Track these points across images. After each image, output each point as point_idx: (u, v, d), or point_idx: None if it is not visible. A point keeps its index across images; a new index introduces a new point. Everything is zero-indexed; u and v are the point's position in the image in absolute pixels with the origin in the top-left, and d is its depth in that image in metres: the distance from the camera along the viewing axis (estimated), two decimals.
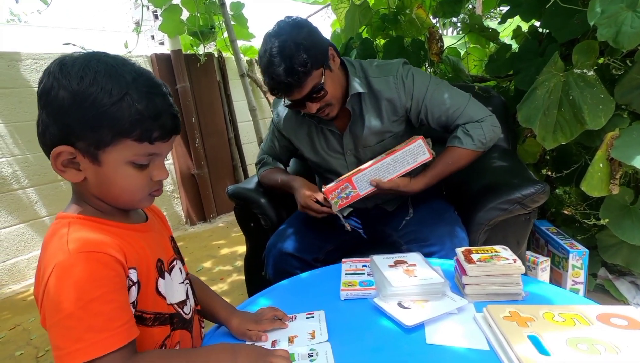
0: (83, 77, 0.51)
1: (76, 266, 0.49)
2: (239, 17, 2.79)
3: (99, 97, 0.51)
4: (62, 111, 0.52)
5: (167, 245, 0.67)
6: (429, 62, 1.85)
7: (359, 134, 1.10)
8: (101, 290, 0.50)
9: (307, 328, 0.69)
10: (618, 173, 1.13)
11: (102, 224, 0.56)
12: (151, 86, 0.55)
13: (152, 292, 0.59)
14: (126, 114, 0.52)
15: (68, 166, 0.54)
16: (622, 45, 0.98)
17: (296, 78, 0.93)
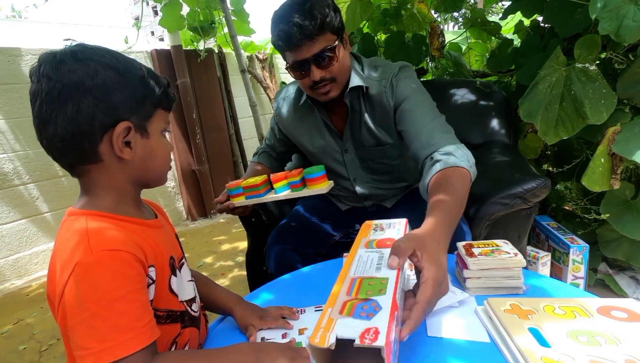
0: (117, 57, 0.55)
1: (99, 265, 0.49)
2: (240, 12, 2.78)
3: (136, 73, 0.56)
4: (113, 89, 0.54)
5: (176, 242, 0.68)
6: (430, 57, 1.85)
7: (356, 133, 1.08)
8: (125, 289, 0.49)
9: (316, 321, 0.68)
10: (619, 168, 1.13)
11: (119, 221, 0.55)
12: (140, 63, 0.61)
13: (165, 290, 0.59)
14: (157, 87, 0.58)
15: (123, 146, 0.55)
16: (624, 39, 0.98)
17: (313, 24, 0.89)
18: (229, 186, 1.05)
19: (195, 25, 2.75)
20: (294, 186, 0.99)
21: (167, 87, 0.61)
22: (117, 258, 0.50)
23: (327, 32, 0.92)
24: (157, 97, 0.58)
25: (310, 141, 1.15)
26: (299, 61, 0.94)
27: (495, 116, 1.46)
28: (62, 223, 0.56)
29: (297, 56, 0.94)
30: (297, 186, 0.99)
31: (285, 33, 0.91)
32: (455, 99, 1.52)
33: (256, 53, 3.64)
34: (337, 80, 0.98)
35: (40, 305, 2.03)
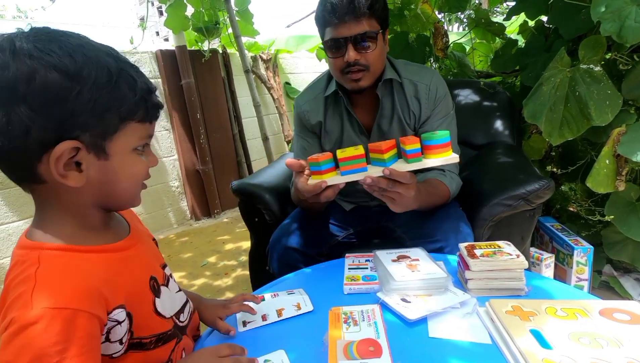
0: (72, 54, 0.42)
1: (38, 324, 0.40)
2: (244, 13, 2.79)
3: (99, 76, 0.43)
4: (57, 98, 0.41)
5: (156, 252, 0.62)
6: (434, 58, 1.84)
7: (385, 128, 1.07)
8: (61, 356, 0.41)
9: (291, 301, 0.75)
10: (624, 170, 1.13)
11: (84, 254, 0.47)
12: (127, 59, 0.48)
13: (149, 316, 0.53)
14: (129, 93, 0.46)
15: (68, 168, 0.45)
16: (626, 39, 0.98)
17: (364, 2, 0.88)
18: (312, 159, 0.80)
19: (200, 26, 2.76)
20: (412, 155, 0.77)
21: (148, 93, 0.49)
22: (60, 319, 0.41)
23: (373, 17, 0.92)
24: (128, 107, 0.46)
25: (334, 136, 1.12)
26: (338, 38, 0.92)
27: (499, 117, 1.46)
28: (13, 255, 0.47)
29: (338, 32, 0.92)
30: (415, 156, 0.77)
31: (333, 5, 0.90)
32: (459, 99, 1.52)
33: (260, 53, 3.65)
34: (371, 70, 0.96)
35: None
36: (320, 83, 1.14)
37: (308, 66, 4.22)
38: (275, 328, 0.69)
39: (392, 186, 0.77)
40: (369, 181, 0.76)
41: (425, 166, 0.78)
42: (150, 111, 0.49)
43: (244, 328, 0.70)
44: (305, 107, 1.14)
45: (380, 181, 0.77)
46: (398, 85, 1.04)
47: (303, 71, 4.18)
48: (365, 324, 0.63)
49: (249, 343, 0.66)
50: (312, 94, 1.14)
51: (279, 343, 0.64)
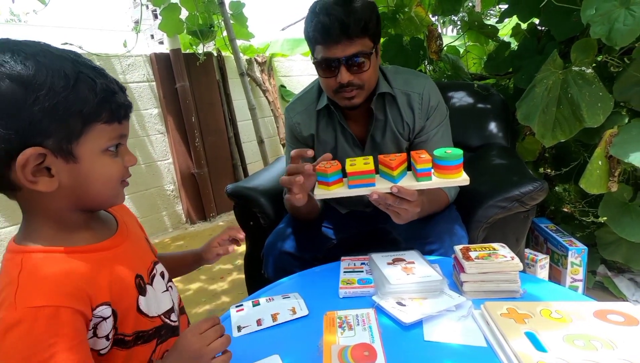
0: (25, 62, 0.43)
1: (22, 324, 0.42)
2: (239, 16, 2.79)
3: (55, 82, 0.43)
4: (14, 106, 0.42)
5: (146, 250, 0.63)
6: (428, 61, 1.85)
7: (379, 141, 1.05)
8: (50, 352, 0.42)
9: (287, 305, 0.74)
10: (617, 171, 1.14)
11: (67, 255, 0.48)
12: (87, 60, 0.48)
13: (133, 314, 0.55)
14: (90, 95, 0.46)
15: (38, 174, 0.45)
16: (615, 42, 0.99)
17: (356, 24, 0.85)
18: (321, 169, 0.78)
19: (195, 29, 2.76)
20: (422, 174, 0.76)
21: (112, 94, 0.48)
22: (45, 317, 0.43)
23: (366, 36, 0.89)
24: (90, 110, 0.46)
25: (328, 148, 1.09)
26: (330, 59, 0.89)
27: (493, 119, 1.46)
28: (2, 260, 0.49)
29: (330, 53, 0.89)
30: (425, 175, 0.75)
31: (325, 26, 0.86)
32: (453, 102, 1.52)
33: (255, 56, 3.65)
34: (365, 88, 0.94)
35: None
36: (311, 94, 1.10)
37: (303, 68, 4.22)
38: (270, 332, 0.69)
39: (398, 203, 0.77)
40: (375, 196, 0.76)
41: (434, 186, 0.77)
42: (115, 112, 0.49)
43: (239, 333, 0.69)
44: (297, 119, 1.10)
45: (388, 198, 0.76)
46: (390, 98, 1.02)
47: (298, 74, 4.18)
48: (360, 328, 0.63)
49: (243, 348, 0.65)
50: (303, 105, 1.10)
51: (274, 348, 0.63)
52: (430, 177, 0.76)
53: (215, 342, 0.52)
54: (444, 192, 1.02)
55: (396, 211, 0.80)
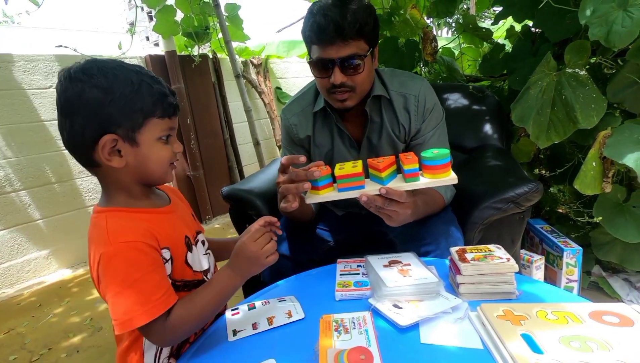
0: (106, 75, 0.61)
1: (118, 254, 0.60)
2: (234, 18, 2.78)
3: (125, 89, 0.61)
4: (98, 106, 0.60)
5: (191, 221, 0.79)
6: (424, 62, 1.86)
7: (375, 143, 1.05)
8: (140, 272, 0.60)
9: (283, 309, 0.74)
10: (610, 171, 1.14)
11: (134, 213, 0.66)
12: (150, 73, 0.66)
13: (181, 264, 0.70)
14: (148, 97, 0.63)
15: (112, 155, 0.63)
16: (614, 44, 0.99)
17: (351, 26, 0.85)
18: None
19: (190, 31, 2.75)
20: (410, 174, 0.77)
21: (165, 96, 0.65)
22: (132, 248, 0.61)
23: (362, 39, 0.88)
24: (148, 108, 0.63)
25: (324, 149, 1.10)
26: (325, 59, 0.89)
27: (488, 120, 1.47)
28: (90, 220, 0.66)
29: (325, 53, 0.89)
30: (413, 176, 0.77)
31: (320, 26, 0.86)
32: (448, 103, 1.53)
33: (251, 58, 3.64)
34: (357, 91, 0.94)
35: (31, 313, 2.00)
36: (308, 95, 1.10)
37: (299, 70, 4.22)
38: (266, 336, 0.68)
39: (388, 205, 0.79)
40: (365, 199, 0.78)
41: (422, 186, 0.78)
42: (166, 109, 0.65)
43: (234, 338, 0.69)
44: (294, 121, 1.10)
45: (377, 199, 0.78)
46: (386, 101, 1.02)
47: (294, 76, 4.18)
48: (356, 332, 0.63)
49: (239, 353, 0.65)
50: (300, 107, 1.10)
51: (270, 352, 0.63)
52: (419, 178, 0.78)
53: (267, 245, 0.68)
54: (439, 194, 1.01)
55: (387, 213, 0.81)
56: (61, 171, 2.52)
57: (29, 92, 2.38)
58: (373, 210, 0.81)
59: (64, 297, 2.15)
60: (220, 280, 0.68)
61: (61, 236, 2.55)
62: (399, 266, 0.79)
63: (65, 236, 2.56)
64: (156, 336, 0.63)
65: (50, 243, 2.51)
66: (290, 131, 1.12)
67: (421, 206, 0.92)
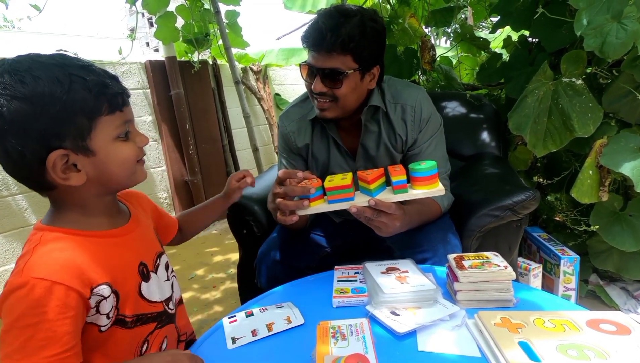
0: (22, 80, 0.48)
1: (23, 289, 0.50)
2: (234, 25, 2.80)
3: (53, 89, 0.49)
4: (27, 121, 0.48)
5: (153, 240, 0.69)
6: (422, 71, 1.88)
7: (372, 153, 1.05)
8: (39, 318, 0.49)
9: (281, 315, 0.73)
10: (607, 180, 1.15)
11: (79, 237, 0.56)
12: (77, 60, 0.54)
13: (134, 297, 0.61)
14: (85, 94, 0.51)
15: (68, 171, 0.53)
16: (608, 55, 1.01)
17: (333, 40, 0.85)
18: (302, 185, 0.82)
19: (190, 38, 2.77)
20: (398, 186, 0.79)
21: (105, 86, 0.53)
22: (41, 288, 0.50)
23: (348, 55, 0.88)
24: (90, 107, 0.51)
25: (321, 158, 1.09)
26: (309, 65, 0.92)
27: (486, 129, 1.48)
28: (29, 236, 0.57)
29: (311, 59, 0.91)
30: (401, 187, 0.79)
31: (309, 32, 0.89)
32: (446, 111, 1.54)
33: (250, 65, 3.67)
34: (339, 104, 0.94)
35: None
36: (307, 102, 1.09)
37: (298, 77, 4.23)
38: (265, 343, 0.68)
39: (377, 216, 0.80)
40: (354, 210, 0.79)
41: (411, 198, 0.80)
42: (113, 102, 0.54)
43: (234, 345, 0.68)
44: (292, 128, 1.09)
45: (366, 211, 0.79)
46: (383, 112, 1.02)
47: (293, 83, 4.21)
48: (353, 339, 0.62)
49: (238, 360, 0.64)
50: (299, 114, 1.10)
51: (269, 360, 0.62)
52: (407, 189, 0.79)
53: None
54: (435, 202, 1.01)
55: (376, 224, 0.82)
56: None
57: None
58: (363, 221, 0.83)
59: None
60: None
61: None
62: (397, 273, 0.79)
63: None
64: None
65: None
66: (288, 139, 1.11)
67: (415, 216, 0.93)
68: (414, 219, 0.93)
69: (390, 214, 0.80)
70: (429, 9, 1.92)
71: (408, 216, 0.88)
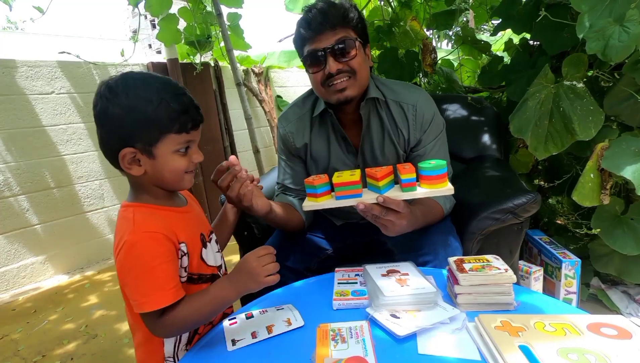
0: (128, 94, 0.66)
1: (141, 242, 0.66)
2: (236, 27, 2.81)
3: (144, 107, 0.66)
4: (119, 123, 0.66)
5: (206, 222, 0.85)
6: (423, 73, 1.88)
7: (376, 148, 1.05)
8: (158, 261, 0.66)
9: (281, 317, 0.74)
10: (608, 183, 1.15)
11: (156, 210, 0.72)
12: (175, 88, 0.70)
13: (197, 258, 0.76)
14: (165, 115, 0.67)
15: (132, 164, 0.69)
16: (610, 58, 1.01)
17: (336, 13, 0.91)
18: (308, 181, 0.83)
19: (192, 40, 2.77)
20: (407, 184, 0.78)
21: (183, 113, 0.69)
22: (152, 239, 0.67)
23: (349, 27, 0.93)
24: (164, 125, 0.68)
25: (321, 156, 1.09)
26: (316, 50, 0.92)
27: (487, 131, 1.48)
28: (119, 213, 0.73)
29: (315, 44, 0.92)
30: (410, 185, 0.78)
31: (307, 20, 0.92)
32: (447, 114, 1.54)
33: (252, 67, 3.67)
34: (357, 76, 0.94)
35: (26, 320, 1.98)
36: (307, 102, 1.10)
37: (299, 79, 4.26)
38: (265, 345, 0.68)
39: (385, 214, 0.80)
40: (362, 207, 0.79)
41: (420, 196, 0.79)
42: (183, 125, 0.69)
43: (234, 347, 0.68)
44: (290, 128, 1.10)
45: (374, 208, 0.79)
46: (384, 104, 1.03)
47: (294, 85, 4.21)
48: (353, 341, 0.62)
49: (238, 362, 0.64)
50: (298, 114, 1.10)
51: (269, 362, 0.62)
52: (416, 187, 0.79)
53: (269, 265, 0.70)
54: (438, 204, 1.01)
55: (383, 223, 0.82)
56: (60, 177, 2.53)
57: (31, 98, 2.40)
58: (370, 218, 0.82)
59: (60, 304, 2.13)
60: (216, 288, 0.70)
61: (58, 241, 2.54)
62: (397, 276, 0.78)
63: (62, 241, 2.55)
64: (155, 325, 0.67)
65: (47, 249, 2.50)
66: (286, 140, 1.12)
67: (419, 217, 0.93)
68: (419, 220, 0.93)
69: (398, 213, 0.80)
70: (431, 12, 1.92)
71: (414, 217, 0.88)
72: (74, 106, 2.58)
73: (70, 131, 2.57)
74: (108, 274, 2.50)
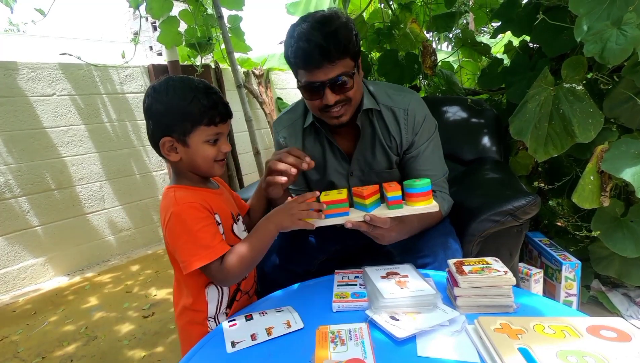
0: (168, 93, 0.80)
1: (184, 211, 0.78)
2: (236, 30, 2.82)
3: (180, 103, 0.79)
4: (160, 117, 0.80)
5: (234, 205, 0.95)
6: (423, 75, 1.88)
7: (368, 156, 1.05)
8: (201, 224, 0.78)
9: (281, 319, 0.74)
10: (608, 186, 1.15)
11: (193, 190, 0.84)
12: (207, 88, 0.82)
13: (229, 232, 0.87)
14: (196, 109, 0.79)
15: (170, 151, 0.82)
16: (608, 61, 1.01)
17: (336, 48, 0.84)
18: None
19: (193, 42, 2.78)
20: (393, 202, 0.82)
21: (212, 108, 0.80)
22: (192, 207, 0.79)
23: (347, 57, 0.88)
24: (196, 118, 0.79)
25: (319, 164, 1.09)
26: (314, 82, 0.89)
27: (487, 133, 1.48)
28: (162, 195, 0.85)
29: (313, 77, 0.88)
30: (396, 203, 0.82)
31: (305, 52, 0.86)
32: (447, 116, 1.54)
33: (252, 69, 3.68)
34: (352, 103, 0.94)
35: (26, 321, 1.98)
36: (298, 108, 1.10)
37: None
38: (264, 347, 0.68)
39: (373, 230, 0.84)
40: (350, 225, 0.83)
41: (405, 214, 0.83)
42: (212, 119, 0.81)
43: (233, 349, 0.68)
44: (284, 133, 1.10)
45: (361, 226, 0.83)
46: (377, 112, 1.03)
47: (295, 87, 4.21)
48: (352, 343, 0.62)
49: None
50: (290, 120, 1.10)
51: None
52: (402, 205, 0.83)
53: (305, 206, 0.81)
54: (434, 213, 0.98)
55: (374, 235, 0.86)
56: (61, 178, 2.53)
57: (32, 99, 2.40)
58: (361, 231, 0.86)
59: (60, 305, 2.13)
60: (258, 228, 0.83)
61: (59, 243, 2.54)
62: (397, 278, 0.79)
63: (62, 243, 2.56)
64: (215, 276, 0.79)
65: (47, 250, 2.50)
66: (280, 145, 1.12)
67: (415, 223, 0.95)
68: (414, 226, 0.94)
69: (385, 228, 0.84)
70: (431, 14, 1.93)
71: (408, 224, 0.91)
72: (74, 108, 2.59)
73: (71, 132, 2.57)
74: (108, 276, 2.50)
